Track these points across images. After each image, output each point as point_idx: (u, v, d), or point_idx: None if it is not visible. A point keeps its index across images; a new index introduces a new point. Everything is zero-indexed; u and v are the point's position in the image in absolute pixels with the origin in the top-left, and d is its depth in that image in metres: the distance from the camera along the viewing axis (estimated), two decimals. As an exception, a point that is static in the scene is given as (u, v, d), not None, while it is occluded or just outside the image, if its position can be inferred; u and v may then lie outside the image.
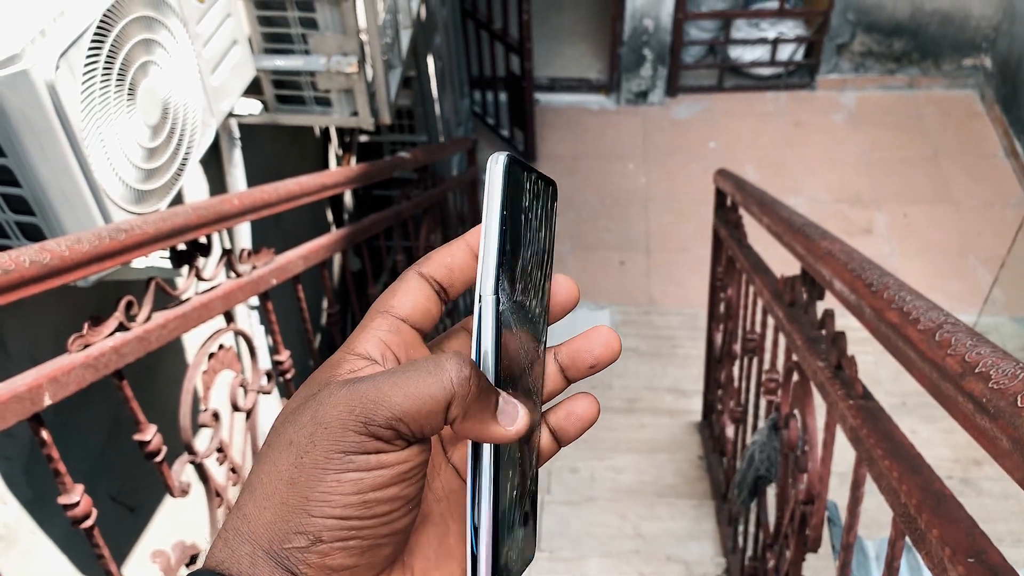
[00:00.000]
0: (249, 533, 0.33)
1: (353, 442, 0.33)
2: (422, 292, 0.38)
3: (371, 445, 0.33)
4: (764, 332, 2.04)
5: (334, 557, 0.33)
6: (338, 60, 2.29)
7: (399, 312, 0.38)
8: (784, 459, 1.62)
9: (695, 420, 3.29)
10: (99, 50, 1.33)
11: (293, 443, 0.34)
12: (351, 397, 0.33)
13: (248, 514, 0.34)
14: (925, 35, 5.36)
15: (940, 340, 0.74)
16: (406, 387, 0.33)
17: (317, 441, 0.33)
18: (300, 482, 0.33)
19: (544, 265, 0.39)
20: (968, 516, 0.78)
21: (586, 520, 2.75)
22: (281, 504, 0.33)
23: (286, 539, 0.33)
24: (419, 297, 0.38)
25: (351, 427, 0.33)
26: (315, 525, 0.33)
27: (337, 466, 0.33)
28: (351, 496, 0.33)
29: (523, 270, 0.37)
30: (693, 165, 5.16)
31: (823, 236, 1.38)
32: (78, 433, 1.79)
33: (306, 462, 0.33)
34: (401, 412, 0.33)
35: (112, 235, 1.19)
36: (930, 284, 4.34)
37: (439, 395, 0.33)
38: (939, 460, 2.99)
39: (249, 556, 0.33)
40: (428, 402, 0.33)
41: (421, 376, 0.34)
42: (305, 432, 0.34)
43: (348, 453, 0.33)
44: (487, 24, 4.92)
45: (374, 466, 0.33)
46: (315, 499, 0.33)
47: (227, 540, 0.34)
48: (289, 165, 3.16)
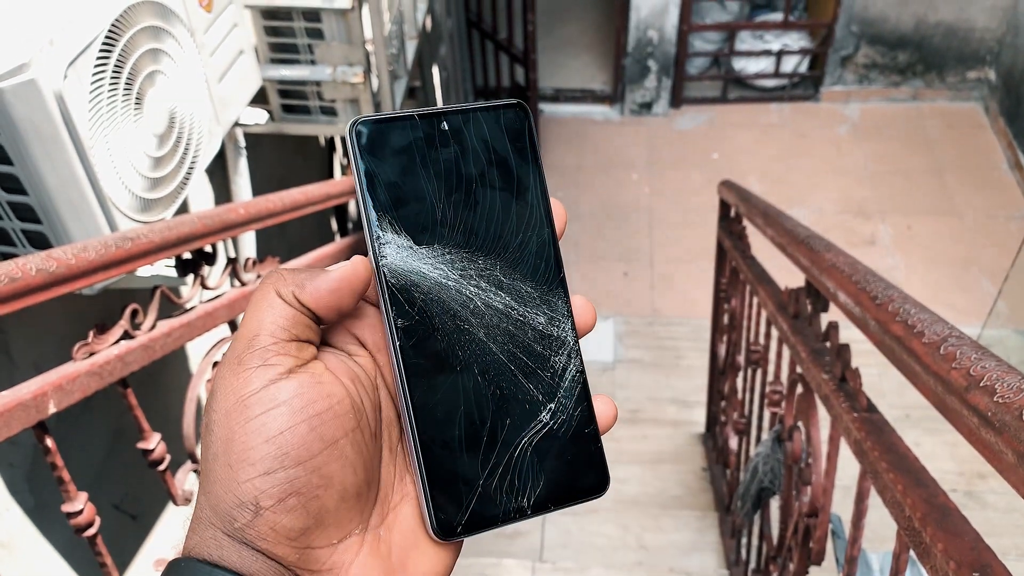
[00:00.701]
0: (209, 517, 0.33)
1: (241, 383, 0.33)
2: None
3: (256, 381, 0.33)
4: (768, 344, 2.03)
5: (282, 522, 0.32)
6: (344, 70, 2.30)
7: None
8: (788, 471, 1.62)
9: (698, 431, 3.28)
10: (107, 60, 1.33)
11: (211, 417, 0.34)
12: (234, 341, 0.35)
13: (202, 503, 0.34)
14: (929, 47, 5.37)
15: (945, 353, 0.74)
16: (262, 299, 0.36)
17: (219, 398, 0.34)
18: (221, 452, 0.33)
19: (485, 191, 0.40)
20: (973, 530, 0.78)
21: (589, 531, 2.74)
22: (215, 482, 0.33)
23: (232, 518, 0.32)
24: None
25: (235, 369, 0.34)
26: (248, 491, 0.32)
27: (238, 418, 0.33)
28: (263, 446, 0.32)
29: (433, 214, 0.38)
30: (697, 176, 5.16)
31: (827, 248, 1.38)
32: (81, 441, 1.79)
33: (218, 430, 0.33)
34: (257, 325, 0.34)
35: (118, 243, 1.19)
36: (934, 296, 4.33)
37: (300, 277, 0.36)
38: (943, 473, 2.98)
39: (214, 539, 0.33)
40: (286, 289, 0.35)
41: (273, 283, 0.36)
42: (212, 400, 0.34)
43: (241, 399, 0.33)
44: (492, 35, 4.94)
45: (269, 405, 0.33)
46: (235, 462, 0.32)
47: (195, 527, 0.34)
48: (294, 174, 3.17)
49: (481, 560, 2.56)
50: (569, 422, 0.40)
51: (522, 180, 0.40)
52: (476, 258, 0.39)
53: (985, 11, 5.16)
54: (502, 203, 0.40)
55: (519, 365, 0.39)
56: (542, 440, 0.39)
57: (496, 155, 0.40)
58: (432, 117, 0.39)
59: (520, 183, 0.40)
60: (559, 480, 0.40)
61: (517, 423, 0.39)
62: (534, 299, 0.40)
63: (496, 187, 0.40)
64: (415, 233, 0.38)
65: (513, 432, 0.39)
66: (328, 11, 2.19)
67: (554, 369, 0.40)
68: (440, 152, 0.39)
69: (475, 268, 0.39)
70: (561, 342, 0.40)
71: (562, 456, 0.40)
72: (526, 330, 0.39)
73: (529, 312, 0.40)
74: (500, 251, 0.39)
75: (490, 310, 0.39)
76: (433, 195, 0.39)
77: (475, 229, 0.39)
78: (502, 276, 0.39)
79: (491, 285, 0.39)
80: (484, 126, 0.40)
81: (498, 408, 0.39)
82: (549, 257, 0.40)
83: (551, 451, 0.40)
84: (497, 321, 0.39)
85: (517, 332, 0.39)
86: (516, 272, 0.40)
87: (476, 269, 0.39)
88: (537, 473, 0.39)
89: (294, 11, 2.20)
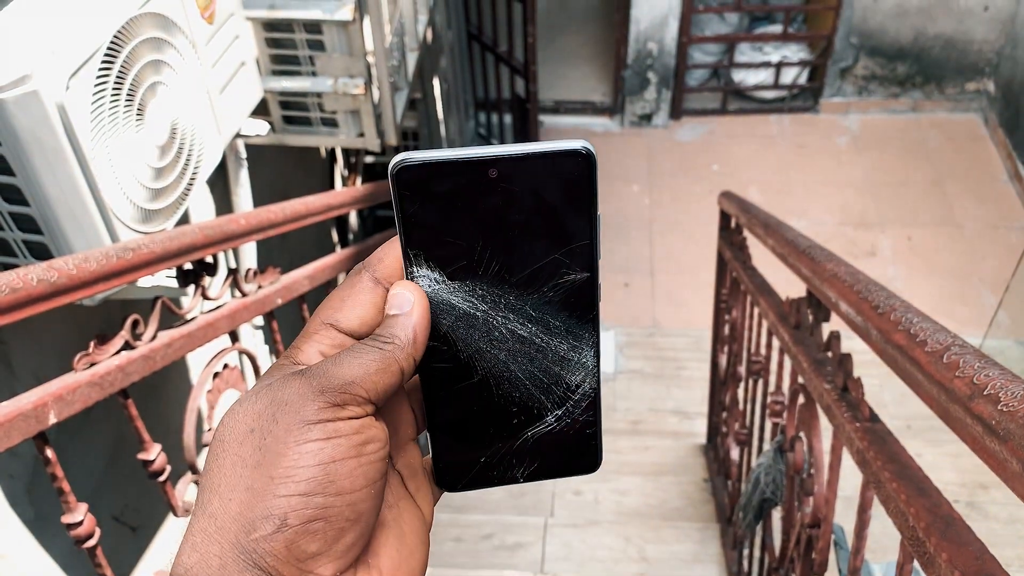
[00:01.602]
0: (216, 531, 0.33)
1: (312, 411, 0.34)
2: (374, 304, 0.38)
3: (328, 413, 0.34)
4: (769, 354, 2.03)
5: (300, 543, 0.33)
6: (345, 82, 2.31)
7: (345, 326, 0.38)
8: (790, 482, 1.62)
9: (700, 442, 3.27)
10: (109, 71, 1.34)
11: (254, 430, 0.34)
12: (307, 375, 0.35)
13: (214, 512, 0.34)
14: (928, 59, 5.38)
15: (948, 362, 0.74)
16: (357, 358, 0.36)
17: (279, 418, 0.34)
18: (264, 463, 0.33)
19: (537, 239, 0.39)
20: (977, 539, 0.77)
21: (590, 543, 2.73)
22: (246, 490, 0.33)
23: (253, 527, 0.33)
24: (370, 311, 0.38)
25: (309, 398, 0.34)
26: (281, 506, 0.33)
27: (298, 438, 0.34)
28: (313, 468, 0.33)
29: (470, 254, 0.38)
30: (697, 187, 5.17)
31: (828, 258, 1.38)
32: (82, 452, 1.79)
33: (268, 443, 0.34)
34: (353, 377, 0.35)
35: (119, 254, 1.19)
36: (935, 307, 4.33)
37: (385, 361, 0.36)
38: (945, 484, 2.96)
39: (218, 557, 0.33)
40: (375, 366, 0.36)
41: (368, 350, 0.36)
42: (266, 415, 0.34)
43: (308, 423, 0.34)
44: (492, 47, 4.95)
45: (331, 434, 0.34)
46: (279, 476, 0.33)
47: (195, 544, 0.34)
48: (295, 185, 3.18)
49: (481, 573, 2.55)
50: (573, 425, 0.42)
51: (570, 227, 0.39)
52: (508, 294, 0.39)
53: (984, 23, 5.18)
54: (547, 248, 0.39)
55: (535, 382, 0.41)
56: (544, 436, 0.42)
57: (546, 203, 0.38)
58: (481, 164, 0.37)
59: (568, 230, 0.39)
60: (554, 460, 0.43)
61: (523, 423, 0.41)
62: (562, 332, 0.40)
63: (541, 234, 0.38)
64: (448, 269, 0.38)
65: (518, 429, 0.41)
66: (329, 23, 2.20)
67: (568, 386, 0.41)
68: (485, 199, 0.37)
69: (505, 302, 0.39)
70: (581, 366, 0.41)
71: (560, 445, 0.42)
72: (548, 355, 0.41)
73: (553, 342, 0.40)
74: (534, 290, 0.39)
75: (513, 339, 0.40)
76: (472, 238, 0.38)
77: (511, 270, 0.39)
78: (532, 310, 0.40)
79: (520, 319, 0.40)
80: (539, 172, 0.38)
81: (508, 412, 0.41)
82: (586, 298, 0.40)
83: (551, 443, 0.42)
84: (519, 348, 0.40)
85: (538, 356, 0.40)
86: (549, 310, 0.40)
87: (506, 303, 0.39)
88: (534, 455, 0.42)
89: (295, 23, 2.21)
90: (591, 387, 0.41)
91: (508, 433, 0.41)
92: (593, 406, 0.42)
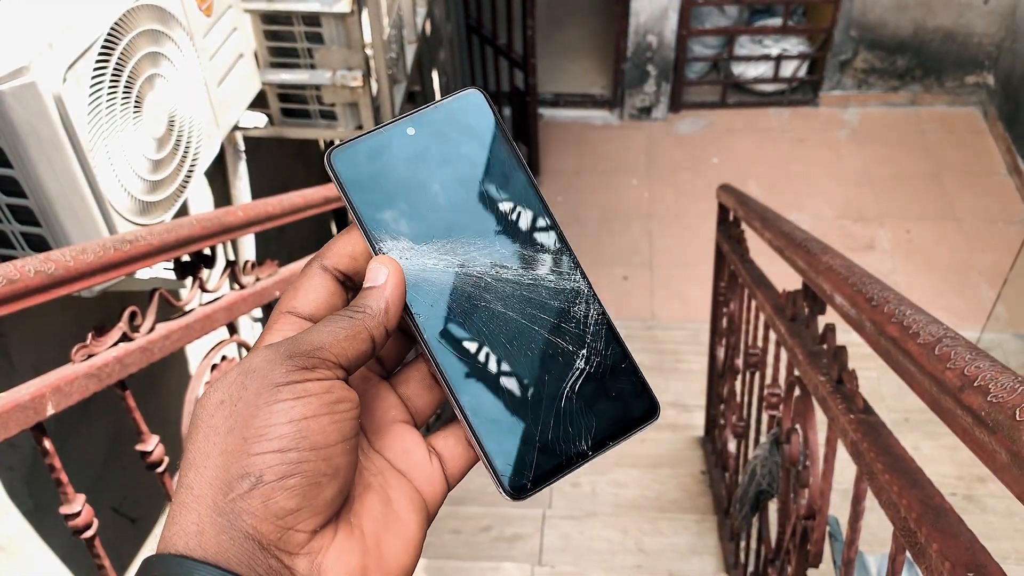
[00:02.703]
0: (193, 500, 0.34)
1: (280, 373, 0.34)
2: (325, 288, 0.40)
3: (298, 375, 0.35)
4: (766, 347, 2.04)
5: (276, 499, 0.33)
6: (343, 74, 2.31)
7: (303, 311, 0.39)
8: (785, 474, 1.62)
9: (697, 435, 3.28)
10: (106, 63, 1.34)
11: (224, 401, 0.35)
12: (275, 345, 0.36)
13: (190, 483, 0.34)
14: (928, 52, 5.38)
15: (939, 353, 0.74)
16: (327, 326, 0.37)
17: (248, 385, 0.34)
18: (236, 427, 0.34)
19: (482, 184, 0.42)
20: (968, 530, 0.78)
21: (588, 535, 2.74)
22: (220, 455, 0.34)
23: (229, 488, 0.33)
24: (322, 294, 0.40)
25: (277, 363, 0.35)
26: (256, 464, 0.33)
27: (268, 399, 0.34)
28: (285, 426, 0.34)
29: (423, 215, 0.40)
30: (696, 181, 5.17)
31: (824, 250, 1.38)
32: (80, 444, 1.79)
33: (239, 408, 0.34)
34: (321, 343, 0.36)
35: (117, 246, 1.19)
36: (933, 301, 4.33)
37: (355, 328, 0.37)
38: (942, 477, 2.98)
39: (195, 524, 0.33)
40: (343, 333, 0.37)
41: (339, 319, 0.37)
42: (236, 384, 0.35)
43: (277, 385, 0.34)
44: (492, 39, 4.95)
45: (301, 393, 0.34)
46: (251, 436, 0.33)
47: (174, 517, 0.34)
48: (294, 178, 3.18)
49: (479, 564, 2.56)
50: (604, 362, 0.42)
51: (498, 157, 0.42)
52: (475, 240, 0.41)
53: (983, 16, 5.17)
54: (486, 184, 0.42)
55: (541, 324, 0.41)
56: (583, 385, 0.41)
57: (467, 142, 0.42)
58: (396, 126, 0.41)
59: (497, 161, 0.42)
60: (610, 417, 0.42)
61: (555, 376, 0.41)
62: (539, 261, 0.42)
63: (476, 171, 0.41)
64: (412, 235, 0.40)
65: (554, 385, 0.41)
66: (328, 15, 2.20)
67: (576, 318, 0.42)
68: (415, 155, 0.41)
69: (477, 250, 0.41)
70: (576, 292, 0.42)
71: (606, 394, 0.42)
72: (539, 290, 0.41)
73: (537, 274, 0.41)
74: (496, 228, 0.41)
75: (500, 283, 0.41)
76: (418, 199, 0.40)
77: (468, 215, 0.41)
78: (504, 250, 0.41)
79: (496, 260, 0.41)
80: (448, 119, 0.42)
81: (533, 367, 0.41)
82: (543, 220, 0.42)
83: (594, 392, 0.41)
84: (510, 291, 0.41)
85: (531, 295, 0.41)
86: (516, 242, 0.41)
87: (478, 250, 0.40)
88: (588, 416, 0.41)
89: (294, 15, 2.21)
90: (598, 313, 0.42)
91: (546, 394, 0.41)
92: (615, 338, 0.42)
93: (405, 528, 0.39)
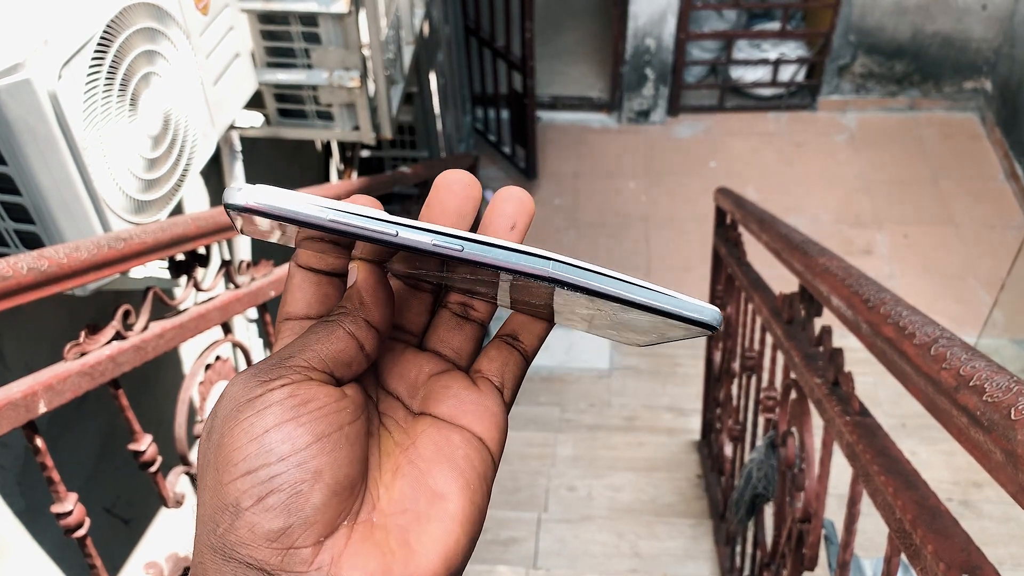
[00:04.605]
0: (196, 543, 0.33)
1: (244, 392, 0.33)
2: (310, 285, 0.38)
3: (260, 389, 0.33)
4: (763, 350, 2.03)
5: (260, 523, 0.31)
6: (340, 74, 2.30)
7: (297, 313, 0.38)
8: (781, 477, 1.62)
9: (694, 439, 3.27)
10: (102, 60, 1.33)
11: (210, 432, 0.34)
12: (252, 365, 0.34)
13: (199, 504, 0.33)
14: (926, 57, 5.38)
15: (935, 354, 0.74)
16: (302, 335, 0.36)
17: (219, 411, 0.33)
18: (212, 459, 0.33)
19: None
20: (963, 532, 0.78)
21: (583, 539, 2.74)
22: (205, 490, 0.33)
23: (215, 523, 0.32)
24: (309, 291, 0.38)
25: (244, 382, 0.33)
26: (231, 493, 0.31)
27: (232, 424, 0.32)
28: (249, 445, 0.32)
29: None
30: (694, 184, 5.17)
31: (821, 253, 1.38)
32: (73, 444, 1.78)
33: (215, 438, 0.33)
34: (290, 352, 0.34)
35: (111, 244, 1.19)
36: (930, 306, 4.33)
37: (327, 329, 0.35)
38: (938, 483, 2.98)
39: (200, 566, 0.32)
40: (314, 337, 0.35)
41: (317, 324, 0.36)
42: (211, 415, 0.34)
43: (239, 405, 0.33)
44: (490, 42, 4.95)
45: (260, 407, 0.32)
46: (222, 465, 0.32)
47: (191, 561, 0.34)
48: (290, 179, 3.17)
49: (474, 568, 2.55)
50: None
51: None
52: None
53: (982, 22, 5.18)
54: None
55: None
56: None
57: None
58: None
59: None
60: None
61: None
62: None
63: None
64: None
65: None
66: (325, 16, 2.19)
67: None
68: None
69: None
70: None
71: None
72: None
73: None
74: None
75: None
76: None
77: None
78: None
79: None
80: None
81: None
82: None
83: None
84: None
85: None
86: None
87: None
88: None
89: (291, 15, 2.20)
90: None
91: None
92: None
93: (444, 505, 0.35)
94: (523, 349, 0.41)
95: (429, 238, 0.31)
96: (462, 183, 0.37)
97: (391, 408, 0.39)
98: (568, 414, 3.61)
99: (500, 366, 0.40)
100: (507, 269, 0.32)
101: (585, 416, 3.61)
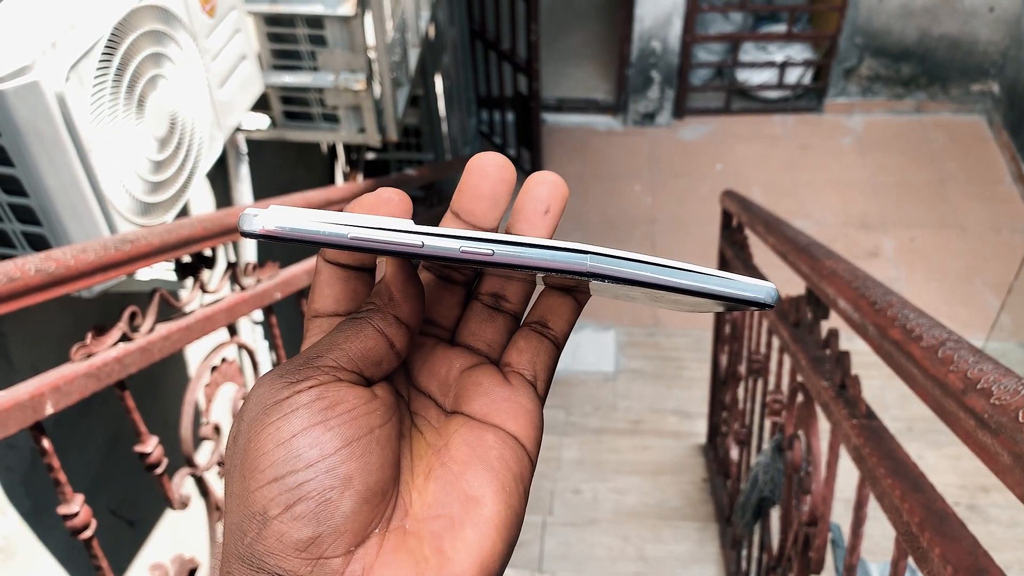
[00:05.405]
0: (224, 552, 0.32)
1: (271, 394, 0.32)
2: (338, 280, 0.36)
3: (287, 391, 0.32)
4: (769, 353, 2.03)
5: (289, 532, 0.30)
6: (346, 77, 2.31)
7: (325, 310, 0.37)
8: (788, 480, 1.61)
9: (700, 442, 3.27)
10: (109, 63, 1.34)
11: (236, 437, 0.32)
12: (278, 366, 0.33)
13: (226, 512, 0.32)
14: (933, 60, 5.37)
15: (943, 357, 0.73)
16: (330, 333, 0.34)
17: (245, 415, 0.32)
18: (239, 465, 0.31)
19: None
20: (970, 535, 0.77)
21: (589, 542, 2.73)
22: (234, 498, 0.31)
23: (243, 532, 0.31)
24: (337, 287, 0.37)
25: (271, 383, 0.32)
26: (258, 500, 0.30)
27: (258, 428, 0.31)
28: (276, 450, 0.30)
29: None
30: (700, 187, 5.17)
31: (828, 255, 1.37)
32: (79, 446, 1.79)
33: (241, 443, 0.32)
34: (317, 351, 0.33)
35: (117, 246, 1.19)
36: (937, 309, 4.32)
37: (355, 327, 0.34)
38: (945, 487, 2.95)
39: (228, 574, 0.31)
40: (342, 336, 0.34)
41: (345, 321, 0.35)
42: (238, 418, 0.33)
43: (266, 408, 0.31)
44: (495, 44, 4.95)
45: (287, 410, 0.31)
46: (248, 470, 0.31)
47: (214, 569, 0.33)
48: (296, 181, 3.18)
49: (480, 569, 2.54)
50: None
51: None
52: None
53: (988, 24, 5.17)
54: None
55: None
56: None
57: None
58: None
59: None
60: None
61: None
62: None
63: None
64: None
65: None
66: (331, 18, 2.20)
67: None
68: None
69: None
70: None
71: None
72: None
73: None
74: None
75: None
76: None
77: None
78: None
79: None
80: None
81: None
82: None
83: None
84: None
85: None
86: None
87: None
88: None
89: (297, 18, 2.21)
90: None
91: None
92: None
93: (478, 510, 0.33)
94: (553, 336, 0.39)
95: (457, 244, 0.30)
96: (496, 165, 0.36)
97: (423, 407, 0.38)
98: (573, 417, 3.61)
99: (531, 357, 0.39)
100: (542, 268, 0.31)
101: (590, 419, 3.60)
